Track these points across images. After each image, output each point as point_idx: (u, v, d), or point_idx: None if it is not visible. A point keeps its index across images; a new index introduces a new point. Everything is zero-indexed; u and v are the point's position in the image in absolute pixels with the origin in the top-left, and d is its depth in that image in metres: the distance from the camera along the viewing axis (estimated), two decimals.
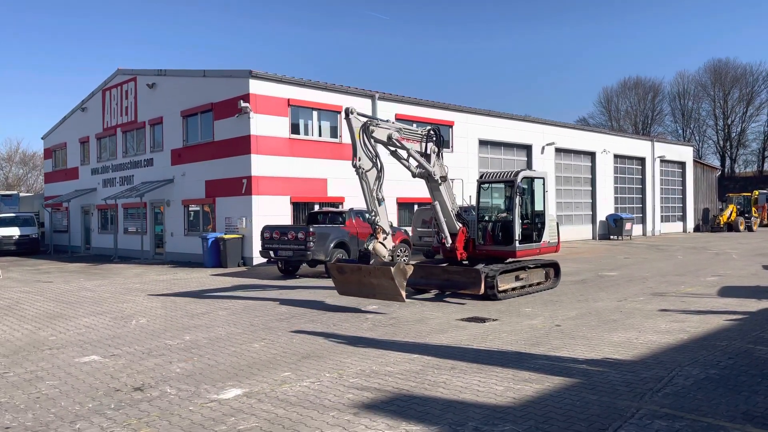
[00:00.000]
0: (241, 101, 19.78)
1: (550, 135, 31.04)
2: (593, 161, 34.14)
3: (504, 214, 12.88)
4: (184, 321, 10.16)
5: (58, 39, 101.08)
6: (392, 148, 11.38)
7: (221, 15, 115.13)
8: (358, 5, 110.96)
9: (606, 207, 34.75)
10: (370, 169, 10.36)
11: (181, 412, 5.52)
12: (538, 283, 12.95)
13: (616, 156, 35.66)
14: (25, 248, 28.58)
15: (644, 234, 37.67)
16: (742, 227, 41.30)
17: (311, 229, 15.75)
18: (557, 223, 13.78)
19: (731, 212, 42.02)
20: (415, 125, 24.96)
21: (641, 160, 37.91)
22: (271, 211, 20.04)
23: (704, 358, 7.12)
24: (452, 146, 26.32)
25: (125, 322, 10.10)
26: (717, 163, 64.53)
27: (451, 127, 26.32)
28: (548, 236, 13.04)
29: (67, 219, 31.04)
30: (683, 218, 42.07)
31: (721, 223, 41.57)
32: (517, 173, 12.47)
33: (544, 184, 13.15)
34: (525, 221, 12.59)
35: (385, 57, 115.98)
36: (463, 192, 12.98)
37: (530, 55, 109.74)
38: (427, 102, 25.46)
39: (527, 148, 30.24)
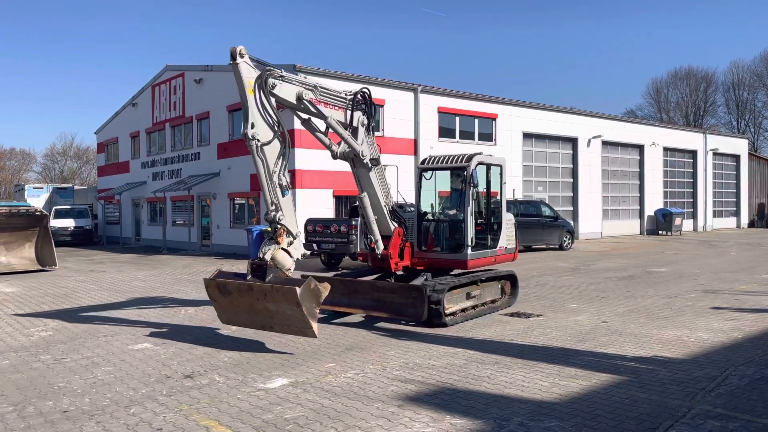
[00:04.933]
0: None
1: (596, 127, 30.35)
2: (641, 154, 33.22)
3: (452, 212, 10.18)
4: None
5: (110, 39, 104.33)
6: (304, 115, 8.63)
7: (267, 13, 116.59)
8: (406, 1, 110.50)
9: (654, 201, 33.80)
10: (269, 142, 7.44)
11: (229, 399, 5.66)
12: (492, 301, 10.23)
13: (665, 149, 34.61)
14: (80, 239, 29.75)
15: (695, 229, 36.50)
16: None
17: (353, 223, 15.86)
18: (515, 224, 11.05)
19: None
20: (457, 119, 25.12)
21: (692, 153, 36.70)
22: (314, 204, 20.26)
23: (760, 358, 6.88)
24: (495, 139, 26.03)
25: (174, 312, 10.40)
26: None
27: (494, 119, 26.03)
28: (505, 241, 10.38)
29: (119, 211, 32.09)
30: (737, 213, 40.57)
31: None
32: (470, 157, 9.61)
33: (501, 174, 10.30)
34: (479, 221, 9.93)
35: (428, 52, 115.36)
36: (397, 183, 10.38)
37: (575, 45, 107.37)
38: (470, 95, 25.23)
39: (573, 141, 29.66)
